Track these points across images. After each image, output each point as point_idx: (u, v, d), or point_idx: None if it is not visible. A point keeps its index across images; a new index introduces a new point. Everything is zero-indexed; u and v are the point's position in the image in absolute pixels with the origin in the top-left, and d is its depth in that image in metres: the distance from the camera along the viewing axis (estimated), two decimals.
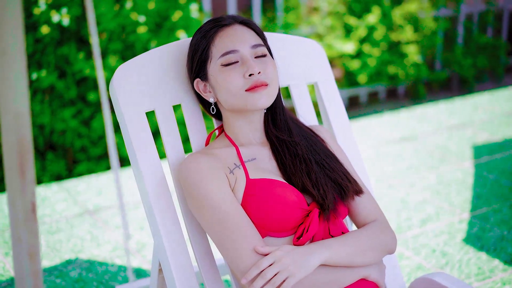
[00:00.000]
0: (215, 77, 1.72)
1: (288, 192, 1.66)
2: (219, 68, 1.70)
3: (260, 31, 1.79)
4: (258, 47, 1.72)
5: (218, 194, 1.62)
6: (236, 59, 1.69)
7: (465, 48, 6.79)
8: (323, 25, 5.89)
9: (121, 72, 1.82)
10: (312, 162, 1.74)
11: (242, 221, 1.60)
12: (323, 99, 2.09)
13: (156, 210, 1.75)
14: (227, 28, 1.73)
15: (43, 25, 4.10)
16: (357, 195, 1.76)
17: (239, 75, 1.68)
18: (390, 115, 4.94)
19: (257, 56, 1.71)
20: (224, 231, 1.60)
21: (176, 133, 1.86)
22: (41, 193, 3.55)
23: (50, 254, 2.93)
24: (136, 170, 1.79)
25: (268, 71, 1.70)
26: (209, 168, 1.66)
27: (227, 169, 1.69)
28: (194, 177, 1.65)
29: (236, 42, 1.70)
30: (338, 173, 1.75)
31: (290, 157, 1.74)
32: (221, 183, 1.64)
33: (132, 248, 3.00)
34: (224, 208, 1.61)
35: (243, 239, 1.58)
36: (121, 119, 1.81)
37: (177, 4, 4.44)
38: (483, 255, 2.91)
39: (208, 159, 1.68)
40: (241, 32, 1.73)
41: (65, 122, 4.26)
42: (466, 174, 3.78)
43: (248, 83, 1.67)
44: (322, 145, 1.81)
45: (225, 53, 1.70)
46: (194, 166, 1.66)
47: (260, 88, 1.68)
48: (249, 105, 1.69)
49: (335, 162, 1.78)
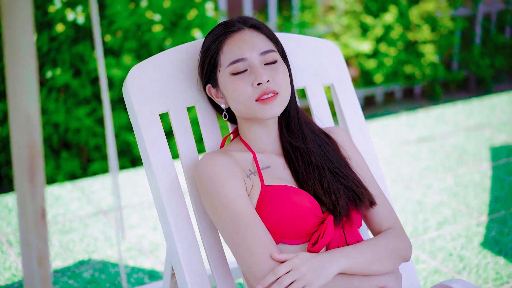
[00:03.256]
0: (224, 85, 1.69)
1: (303, 199, 1.63)
2: (228, 77, 1.67)
3: (272, 35, 1.74)
4: (268, 53, 1.68)
5: (234, 193, 1.59)
6: (244, 68, 1.66)
7: (482, 48, 6.71)
8: (339, 24, 5.85)
9: (135, 72, 1.80)
10: (326, 170, 1.70)
11: (256, 224, 1.57)
12: (339, 101, 2.06)
13: (169, 212, 1.72)
14: (236, 34, 1.69)
15: (58, 23, 4.09)
16: (370, 206, 1.73)
17: (247, 85, 1.65)
18: (407, 115, 4.89)
19: (266, 63, 1.68)
20: (237, 232, 1.57)
21: (190, 135, 1.83)
22: (55, 192, 3.53)
23: (63, 255, 2.92)
24: (149, 171, 1.77)
25: (278, 78, 1.66)
26: (227, 165, 1.63)
27: (244, 173, 1.66)
28: (210, 173, 1.62)
29: (245, 49, 1.66)
30: (352, 180, 1.72)
31: (304, 165, 1.71)
32: (237, 183, 1.61)
33: (146, 249, 2.98)
34: (239, 208, 1.58)
35: (259, 244, 1.54)
36: (134, 119, 1.78)
37: (192, 3, 4.41)
38: (501, 260, 2.86)
39: (225, 158, 1.65)
40: (250, 38, 1.68)
41: (80, 121, 4.24)
42: (483, 176, 3.73)
43: (257, 92, 1.64)
44: (335, 153, 1.78)
45: (233, 61, 1.66)
46: (212, 163, 1.64)
47: (269, 99, 1.64)
48: (258, 115, 1.66)
49: (348, 170, 1.75)
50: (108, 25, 4.18)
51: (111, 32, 4.16)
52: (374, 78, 5.94)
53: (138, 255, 2.92)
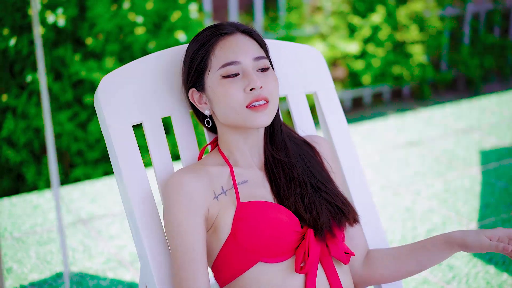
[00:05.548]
0: (213, 89, 1.59)
1: (281, 215, 1.55)
2: (218, 80, 1.58)
3: (263, 42, 1.66)
4: (261, 59, 1.60)
5: (186, 225, 1.54)
6: (236, 71, 1.57)
7: (471, 48, 6.65)
8: (327, 24, 5.77)
9: (106, 82, 1.71)
10: (308, 185, 1.62)
11: (193, 260, 1.53)
12: (322, 109, 1.97)
13: (142, 232, 1.63)
14: (229, 37, 1.61)
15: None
16: (354, 223, 1.66)
17: (239, 89, 1.56)
18: (396, 118, 4.81)
19: (258, 69, 1.60)
20: (176, 261, 1.54)
21: (165, 147, 1.74)
22: (34, 201, 3.43)
23: (39, 267, 2.82)
24: (122, 188, 1.67)
25: (270, 86, 1.58)
26: (192, 192, 1.55)
27: (212, 193, 1.58)
28: (169, 197, 1.56)
29: (238, 53, 1.58)
30: (336, 195, 1.64)
31: (285, 180, 1.63)
32: (194, 216, 1.54)
33: (126, 260, 2.88)
34: (185, 240, 1.53)
35: (188, 281, 1.52)
36: (106, 132, 1.69)
37: (176, 4, 4.32)
38: (492, 269, 2.78)
39: (194, 179, 1.57)
40: (243, 43, 1.60)
41: (61, 126, 4.14)
42: (473, 181, 3.65)
43: (248, 98, 1.55)
44: (319, 166, 1.70)
45: (225, 64, 1.57)
46: (174, 186, 1.57)
47: (261, 107, 1.56)
48: (248, 123, 1.57)
49: (332, 185, 1.67)
50: (90, 27, 4.08)
51: (93, 35, 4.06)
52: (362, 79, 5.87)
53: (117, 267, 2.83)
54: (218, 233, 1.56)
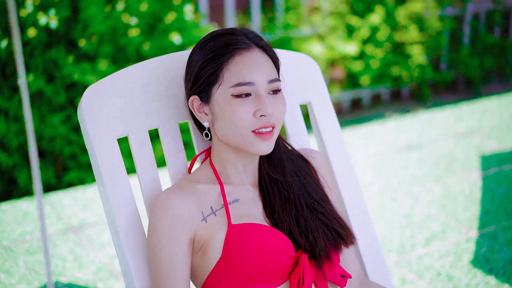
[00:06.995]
0: (220, 105, 1.50)
1: (275, 239, 1.48)
2: (229, 98, 1.49)
3: (276, 58, 1.58)
4: (275, 82, 1.52)
5: (163, 249, 1.48)
6: (249, 92, 1.49)
7: (471, 48, 6.58)
8: (325, 25, 5.69)
9: (90, 93, 1.63)
10: (303, 206, 1.55)
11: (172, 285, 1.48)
12: (317, 120, 1.90)
13: (127, 252, 1.56)
14: (246, 52, 1.51)
15: (30, 27, 3.92)
16: (350, 245, 1.59)
17: (249, 112, 1.48)
18: (395, 120, 4.73)
19: (270, 91, 1.52)
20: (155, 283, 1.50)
21: (152, 162, 1.67)
22: (24, 207, 3.36)
23: (28, 277, 2.74)
24: (106, 204, 1.60)
25: (279, 110, 1.52)
26: (173, 215, 1.48)
27: (200, 214, 1.50)
28: (154, 219, 1.50)
29: (254, 73, 1.49)
30: (332, 218, 1.57)
31: (280, 201, 1.55)
32: (174, 239, 1.48)
33: (117, 270, 2.81)
34: (164, 263, 1.48)
35: None
36: (89, 145, 1.62)
37: (171, 5, 4.24)
38: (492, 280, 2.71)
39: (181, 201, 1.49)
40: (260, 62, 1.51)
41: (54, 129, 4.07)
42: (473, 186, 3.58)
43: (257, 124, 1.48)
44: (315, 184, 1.63)
45: (240, 83, 1.48)
46: (160, 207, 1.50)
47: (267, 135, 1.49)
48: (250, 149, 1.50)
49: (329, 205, 1.60)
50: (83, 29, 4.01)
51: (86, 37, 3.99)
52: (360, 81, 5.80)
53: (108, 277, 2.76)
54: (207, 256, 1.49)
